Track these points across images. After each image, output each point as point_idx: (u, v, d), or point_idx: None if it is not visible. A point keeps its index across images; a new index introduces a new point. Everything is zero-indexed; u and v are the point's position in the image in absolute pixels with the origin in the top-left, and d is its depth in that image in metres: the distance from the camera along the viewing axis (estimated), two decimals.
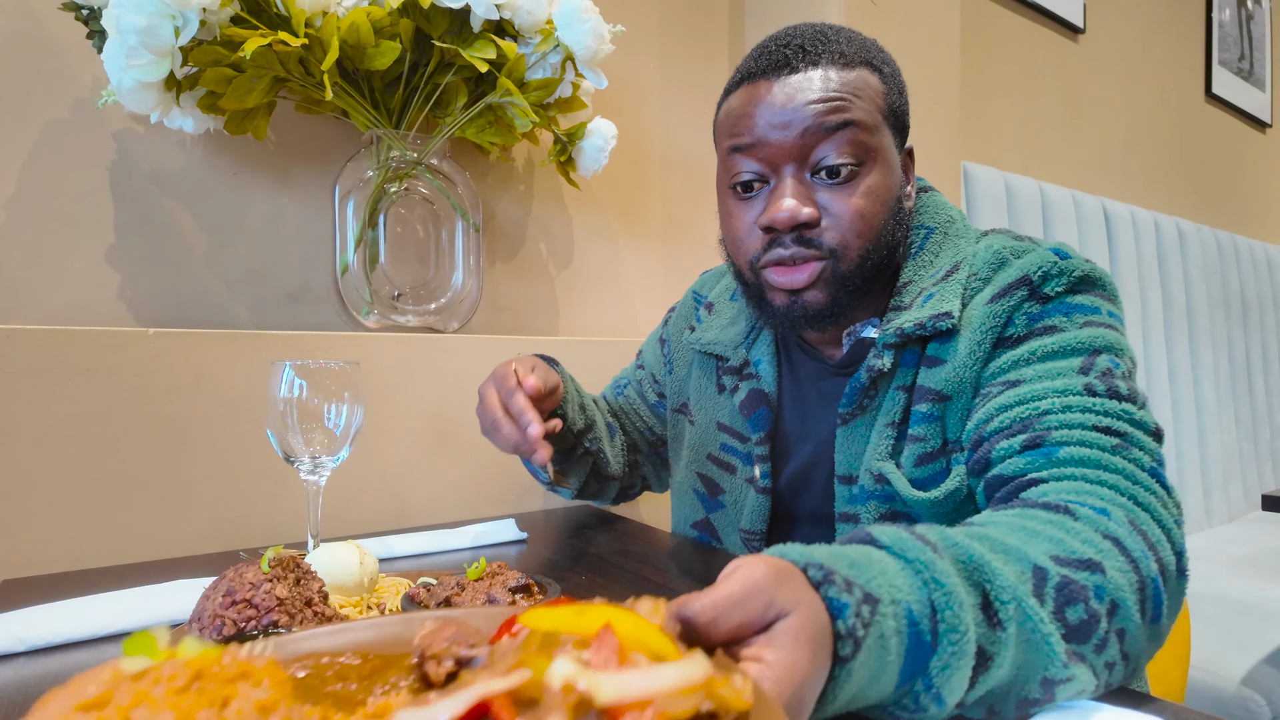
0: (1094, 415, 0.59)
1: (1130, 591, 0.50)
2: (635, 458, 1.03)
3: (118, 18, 0.83)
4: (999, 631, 0.44)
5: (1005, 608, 0.45)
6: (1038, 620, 0.46)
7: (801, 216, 0.68)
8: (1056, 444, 0.59)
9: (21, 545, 0.84)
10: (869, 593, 0.41)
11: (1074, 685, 0.47)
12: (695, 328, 0.95)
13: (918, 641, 0.42)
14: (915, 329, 0.69)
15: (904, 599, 0.42)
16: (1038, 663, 0.46)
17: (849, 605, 0.40)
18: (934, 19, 1.63)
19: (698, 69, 1.56)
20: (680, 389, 0.95)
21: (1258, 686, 1.26)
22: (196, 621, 0.50)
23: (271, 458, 0.97)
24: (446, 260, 1.16)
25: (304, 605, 0.51)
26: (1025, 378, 0.64)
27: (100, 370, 0.88)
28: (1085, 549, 0.50)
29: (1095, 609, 0.48)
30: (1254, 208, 3.26)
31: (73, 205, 0.97)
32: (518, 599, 0.52)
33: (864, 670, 0.40)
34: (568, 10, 1.06)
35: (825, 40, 0.71)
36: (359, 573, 0.63)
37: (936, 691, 0.42)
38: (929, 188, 0.82)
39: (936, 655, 0.42)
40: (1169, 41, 2.74)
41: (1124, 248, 2.07)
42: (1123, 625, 0.49)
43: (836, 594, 0.40)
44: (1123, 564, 0.51)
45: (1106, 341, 0.65)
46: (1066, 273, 0.67)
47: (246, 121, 1.00)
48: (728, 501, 0.87)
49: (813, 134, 0.68)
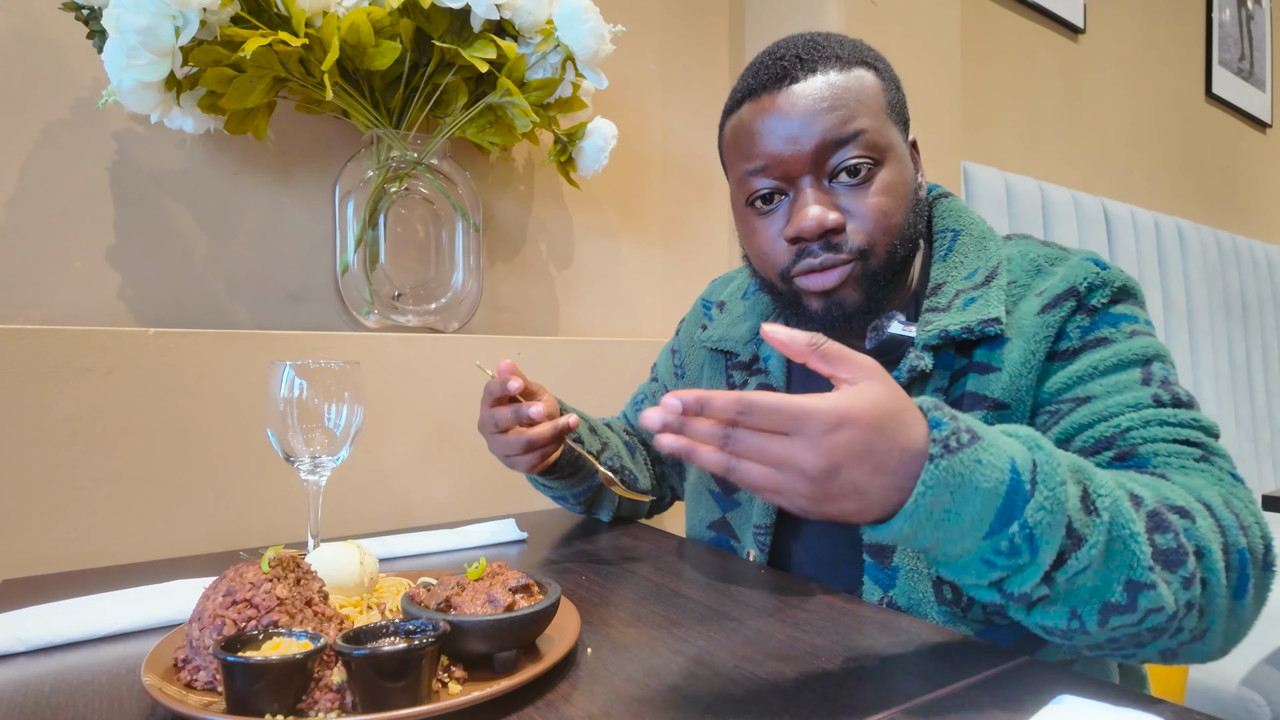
0: (1170, 428, 0.62)
1: (1217, 548, 0.53)
2: (661, 469, 1.05)
3: (118, 18, 0.83)
4: (1094, 518, 0.48)
5: (1102, 499, 0.49)
6: (1129, 519, 0.49)
7: (828, 223, 0.68)
8: (1147, 456, 0.62)
9: (21, 545, 0.84)
10: (974, 430, 0.48)
11: (1155, 598, 0.49)
12: (707, 326, 0.96)
13: (1016, 485, 0.46)
14: (962, 332, 0.69)
15: (1008, 449, 0.48)
16: (1124, 560, 0.49)
17: (946, 423, 0.47)
18: (934, 19, 1.63)
19: (698, 69, 1.56)
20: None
21: (1258, 686, 1.26)
22: (197, 621, 0.50)
23: (271, 458, 0.97)
24: (446, 260, 1.16)
25: (304, 605, 0.52)
26: (1094, 394, 0.65)
27: (100, 370, 0.88)
28: (1180, 499, 0.54)
29: (1184, 544, 0.51)
30: (1254, 208, 3.26)
31: (73, 205, 0.97)
32: (518, 599, 0.52)
33: (954, 484, 0.45)
34: (568, 10, 1.06)
35: (819, 46, 0.71)
36: (359, 573, 0.63)
37: (1032, 539, 0.46)
38: (948, 194, 0.83)
39: (1033, 501, 0.46)
40: (1169, 41, 2.74)
41: (1124, 248, 2.07)
42: (1207, 575, 0.52)
43: (939, 416, 0.47)
44: (1211, 524, 0.54)
45: (1155, 349, 0.67)
46: (1109, 284, 0.69)
47: (246, 121, 1.00)
48: (743, 498, 0.87)
49: (827, 144, 0.68)
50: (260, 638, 0.47)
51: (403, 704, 0.44)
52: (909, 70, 1.60)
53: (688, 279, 1.55)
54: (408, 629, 0.48)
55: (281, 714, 0.44)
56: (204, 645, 0.48)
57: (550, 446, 0.82)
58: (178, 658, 0.51)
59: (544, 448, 0.81)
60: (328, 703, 0.45)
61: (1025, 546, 0.47)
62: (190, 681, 0.49)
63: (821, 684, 0.51)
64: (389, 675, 0.44)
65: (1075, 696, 0.47)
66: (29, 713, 0.48)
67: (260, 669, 0.44)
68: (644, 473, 1.00)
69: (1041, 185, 1.91)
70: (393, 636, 0.48)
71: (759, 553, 0.83)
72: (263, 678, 0.44)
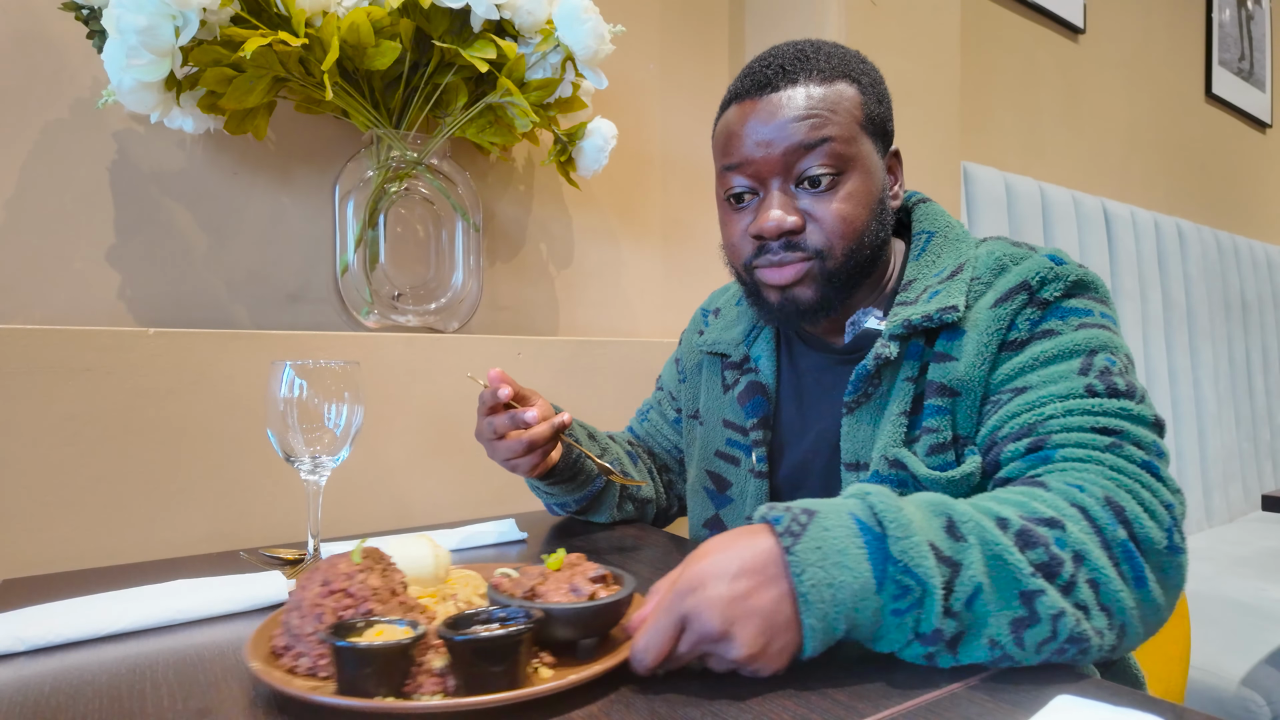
0: (1092, 416, 0.63)
1: (1096, 548, 0.54)
2: (669, 478, 1.06)
3: (118, 18, 0.83)
4: (962, 544, 0.51)
5: (965, 525, 0.52)
6: (996, 537, 0.52)
7: (786, 225, 0.74)
8: (1055, 446, 0.63)
9: (21, 545, 0.84)
10: (808, 508, 0.52)
11: (1051, 603, 0.51)
12: (704, 331, 0.99)
13: (868, 531, 0.50)
14: (922, 320, 0.72)
15: (843, 508, 0.52)
16: (1008, 575, 0.51)
17: (783, 515, 0.51)
18: (934, 19, 1.63)
19: (698, 69, 1.56)
20: (693, 396, 0.99)
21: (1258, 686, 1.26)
22: (295, 610, 0.52)
23: (271, 458, 0.97)
24: (446, 260, 1.16)
25: (390, 594, 0.54)
26: (1031, 384, 0.67)
27: (100, 370, 0.88)
28: (1047, 510, 0.55)
29: (1057, 553, 0.52)
30: (1254, 208, 3.26)
31: (73, 205, 0.97)
32: (598, 589, 0.55)
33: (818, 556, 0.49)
34: (568, 10, 1.06)
35: (804, 59, 0.76)
36: (434, 565, 0.66)
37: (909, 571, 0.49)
38: (926, 199, 0.86)
39: (890, 538, 0.50)
40: (1169, 41, 2.74)
41: (1124, 248, 2.07)
42: (1094, 577, 0.53)
43: (769, 513, 0.52)
44: (1085, 526, 0.55)
45: (1101, 341, 0.68)
46: (1062, 278, 0.71)
47: (246, 121, 1.00)
48: (735, 495, 0.89)
49: (794, 150, 0.73)
50: (361, 625, 0.49)
51: (502, 687, 0.46)
52: (909, 70, 1.60)
53: (688, 279, 1.55)
54: (500, 616, 0.50)
55: (389, 696, 0.46)
56: (304, 632, 0.50)
57: (549, 445, 0.84)
58: (275, 645, 0.52)
59: (544, 447, 0.83)
60: (431, 686, 0.47)
61: (909, 579, 0.49)
62: (292, 667, 0.50)
63: (821, 684, 0.51)
64: (490, 660, 0.46)
65: (1075, 696, 0.47)
66: (29, 713, 0.48)
67: (370, 654, 0.46)
68: (648, 481, 1.02)
69: (1041, 185, 1.91)
70: (488, 623, 0.50)
71: None
72: (372, 662, 0.46)
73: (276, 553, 0.84)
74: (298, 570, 0.72)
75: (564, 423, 0.83)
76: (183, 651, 0.58)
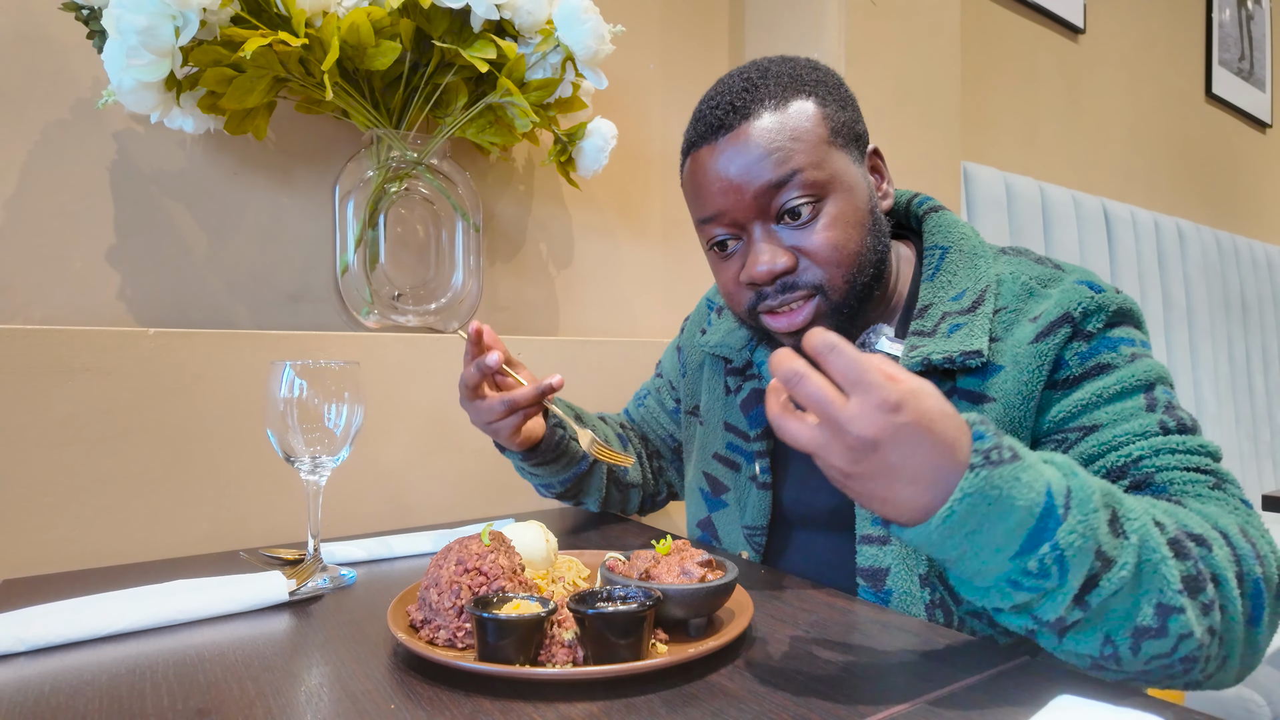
0: (1181, 455, 0.62)
1: (1232, 576, 0.53)
2: (660, 464, 1.06)
3: (118, 18, 0.83)
4: (1123, 540, 0.49)
5: (1131, 523, 0.50)
6: (1158, 544, 0.50)
7: (778, 268, 0.70)
8: (1163, 485, 0.61)
9: (21, 545, 0.84)
10: (1015, 449, 0.48)
11: (1184, 622, 0.49)
12: (706, 330, 0.97)
13: (1050, 509, 0.46)
14: (944, 362, 0.69)
15: (1045, 473, 0.48)
16: (1154, 584, 0.49)
17: (990, 437, 0.47)
18: (934, 19, 1.63)
19: (698, 69, 1.56)
20: (693, 392, 0.98)
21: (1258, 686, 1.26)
22: (434, 587, 0.57)
23: (271, 458, 0.97)
24: (446, 260, 1.16)
25: (513, 574, 0.59)
26: (1101, 422, 0.65)
27: (100, 370, 0.88)
28: (1197, 527, 0.54)
29: (1202, 570, 0.51)
30: (1254, 208, 3.26)
31: (73, 205, 0.97)
32: (706, 572, 0.59)
33: (992, 496, 0.45)
34: (568, 10, 1.05)
35: (752, 88, 0.71)
36: (546, 550, 0.71)
37: (1062, 562, 0.46)
38: (939, 207, 0.82)
39: (1065, 524, 0.46)
40: (1169, 41, 2.74)
41: (1124, 248, 2.07)
42: (1225, 602, 0.52)
43: (983, 430, 0.47)
44: (1228, 552, 0.54)
45: (1158, 373, 0.67)
46: (1105, 308, 0.68)
47: (246, 121, 1.00)
48: (731, 500, 0.88)
49: (764, 190, 0.69)
50: (496, 600, 0.54)
51: (628, 659, 0.51)
52: (909, 70, 1.60)
53: (688, 279, 1.55)
54: (620, 595, 0.55)
55: (526, 664, 0.51)
56: (444, 607, 0.56)
57: (531, 409, 0.83)
58: (414, 620, 0.58)
59: (525, 409, 0.81)
60: (563, 656, 0.52)
61: (1055, 569, 0.46)
62: (431, 639, 0.56)
63: (821, 684, 0.51)
64: (618, 633, 0.51)
65: (1075, 696, 0.47)
66: (29, 713, 0.48)
67: (510, 625, 0.51)
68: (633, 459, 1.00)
69: (1041, 185, 1.91)
70: (609, 601, 0.54)
71: (753, 553, 0.83)
72: (512, 633, 0.51)
73: (276, 553, 0.84)
74: (298, 570, 0.72)
75: (551, 385, 0.80)
76: (183, 651, 0.58)
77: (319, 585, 0.72)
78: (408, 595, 0.63)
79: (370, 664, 0.55)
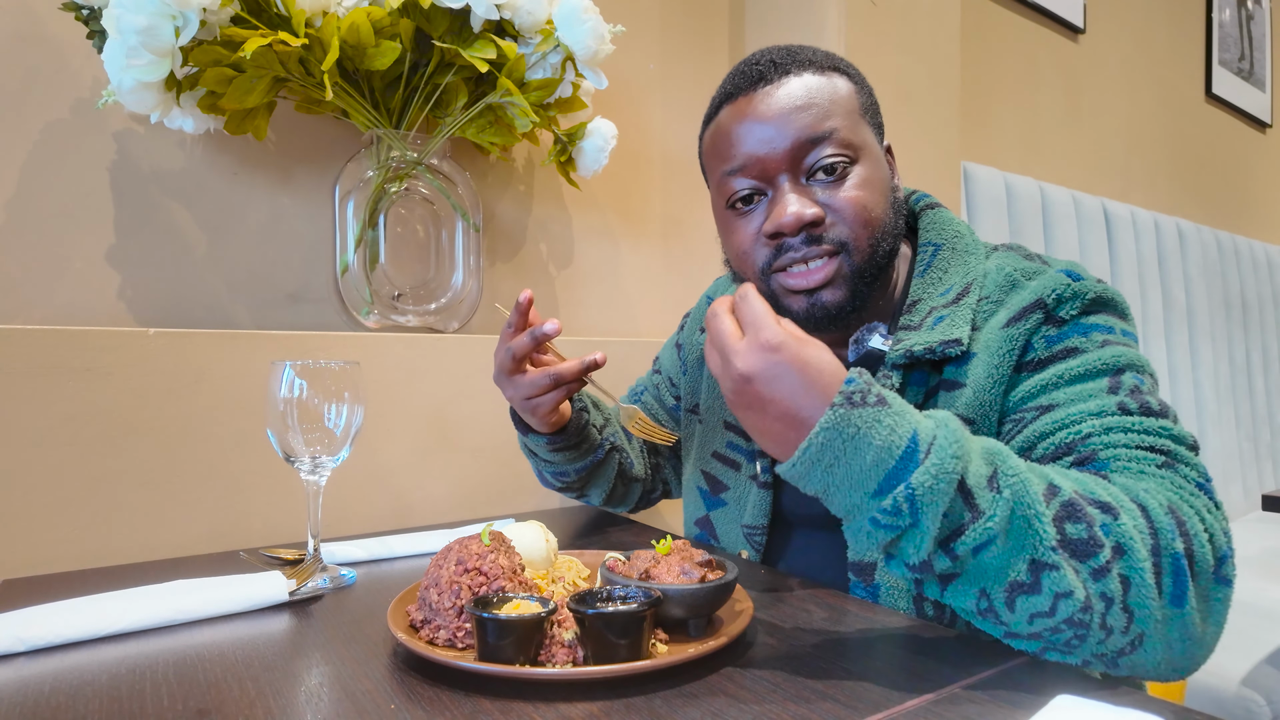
0: (1135, 434, 0.60)
1: (1143, 548, 0.52)
2: (657, 460, 1.05)
3: (118, 18, 0.83)
4: (995, 494, 0.50)
5: (1006, 478, 0.51)
6: (1034, 500, 0.51)
7: (807, 216, 0.69)
8: (1106, 460, 0.60)
9: (21, 545, 0.84)
10: (884, 397, 0.50)
11: (1059, 580, 0.50)
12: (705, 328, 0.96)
13: (910, 453, 0.49)
14: (925, 353, 0.69)
15: (915, 422, 0.50)
16: (1027, 539, 0.50)
17: (857, 381, 0.50)
18: (934, 19, 1.63)
19: (698, 69, 1.56)
20: (694, 389, 0.98)
21: (1258, 686, 1.26)
22: (434, 587, 0.57)
23: (271, 458, 0.97)
24: (446, 260, 1.16)
25: (513, 574, 0.59)
26: (1058, 401, 0.64)
27: (100, 370, 0.88)
28: (1107, 496, 0.54)
29: (1098, 537, 0.51)
30: (1254, 208, 3.26)
31: (73, 205, 0.97)
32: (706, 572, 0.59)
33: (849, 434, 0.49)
34: (568, 10, 1.06)
35: (795, 52, 0.74)
36: (546, 550, 0.71)
37: (913, 501, 0.48)
38: (935, 204, 0.82)
39: (921, 467, 0.48)
40: (1169, 41, 2.74)
41: (1124, 248, 2.07)
42: (1129, 574, 0.51)
43: (854, 376, 0.51)
44: (1142, 525, 0.53)
45: (1129, 359, 0.65)
46: (1080, 295, 0.67)
47: (246, 121, 1.00)
48: (730, 499, 0.88)
49: (802, 143, 0.70)
50: (496, 600, 0.54)
51: (627, 659, 0.51)
52: (909, 70, 1.60)
53: (688, 279, 1.55)
54: (620, 595, 0.55)
55: (526, 664, 0.51)
56: (444, 607, 0.56)
57: (574, 386, 0.81)
58: (414, 620, 0.58)
59: (568, 385, 0.80)
60: (563, 656, 0.52)
61: (906, 507, 0.48)
62: (431, 639, 0.56)
63: (822, 684, 0.51)
64: (618, 633, 0.51)
65: (1075, 696, 0.47)
66: (29, 713, 0.48)
67: (510, 625, 0.51)
68: (640, 459, 1.02)
69: (1041, 185, 1.91)
70: (609, 601, 0.54)
71: (752, 552, 0.84)
72: (512, 633, 0.51)
73: (276, 553, 0.84)
74: (298, 570, 0.72)
75: (596, 361, 0.79)
76: (183, 651, 0.58)
77: (319, 585, 0.72)
78: (408, 595, 0.63)
79: (370, 664, 0.55)
